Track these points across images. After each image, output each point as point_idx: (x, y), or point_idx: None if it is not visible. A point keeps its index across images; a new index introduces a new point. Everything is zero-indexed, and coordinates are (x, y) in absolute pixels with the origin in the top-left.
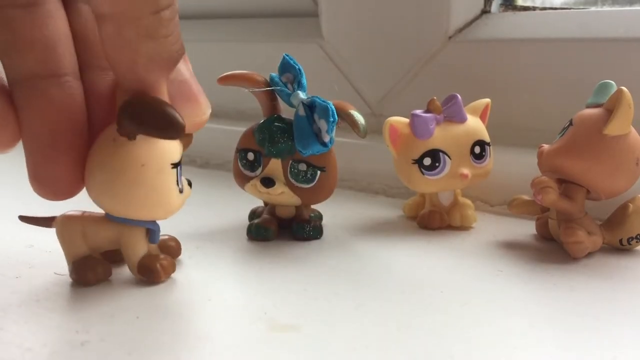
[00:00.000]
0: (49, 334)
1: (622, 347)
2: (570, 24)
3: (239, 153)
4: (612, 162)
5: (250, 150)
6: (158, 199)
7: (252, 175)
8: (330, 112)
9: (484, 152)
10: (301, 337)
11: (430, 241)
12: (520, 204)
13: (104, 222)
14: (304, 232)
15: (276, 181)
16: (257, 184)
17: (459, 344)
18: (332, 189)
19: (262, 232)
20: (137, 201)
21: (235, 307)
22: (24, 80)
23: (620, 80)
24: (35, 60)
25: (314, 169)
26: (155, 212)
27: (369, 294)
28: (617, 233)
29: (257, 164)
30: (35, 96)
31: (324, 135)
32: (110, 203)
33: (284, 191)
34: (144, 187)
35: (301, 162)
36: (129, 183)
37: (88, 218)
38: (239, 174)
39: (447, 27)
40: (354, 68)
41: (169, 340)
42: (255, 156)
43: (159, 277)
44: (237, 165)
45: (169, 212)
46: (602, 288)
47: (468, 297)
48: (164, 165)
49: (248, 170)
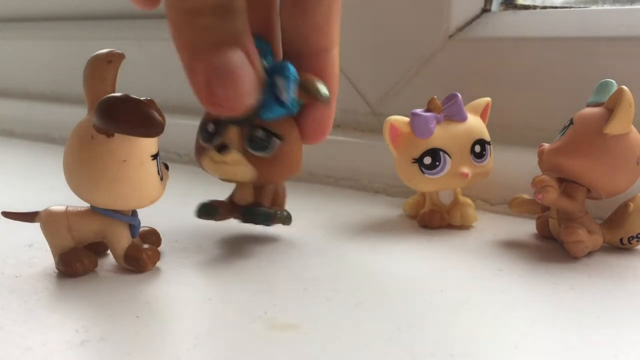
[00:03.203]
0: (48, 333)
1: (623, 346)
2: (571, 22)
3: (200, 127)
4: (612, 161)
5: (210, 121)
6: (142, 191)
7: (208, 146)
8: (287, 68)
9: (485, 151)
10: (301, 336)
11: (431, 240)
12: (520, 203)
13: (88, 215)
14: (250, 215)
15: (230, 146)
16: (212, 152)
17: (459, 343)
18: (293, 168)
19: (208, 210)
20: (123, 195)
21: (235, 306)
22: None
23: (621, 79)
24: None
25: (271, 136)
26: (140, 203)
27: (368, 293)
28: (618, 232)
29: (216, 134)
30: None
31: (281, 93)
32: (95, 198)
33: (239, 159)
34: (128, 182)
35: (259, 129)
36: (112, 179)
37: (72, 212)
38: (198, 150)
39: (448, 26)
40: (354, 67)
41: (168, 340)
42: (215, 127)
43: (145, 265)
44: (198, 141)
45: (153, 201)
46: (602, 287)
47: (468, 296)
48: (144, 159)
49: (206, 142)
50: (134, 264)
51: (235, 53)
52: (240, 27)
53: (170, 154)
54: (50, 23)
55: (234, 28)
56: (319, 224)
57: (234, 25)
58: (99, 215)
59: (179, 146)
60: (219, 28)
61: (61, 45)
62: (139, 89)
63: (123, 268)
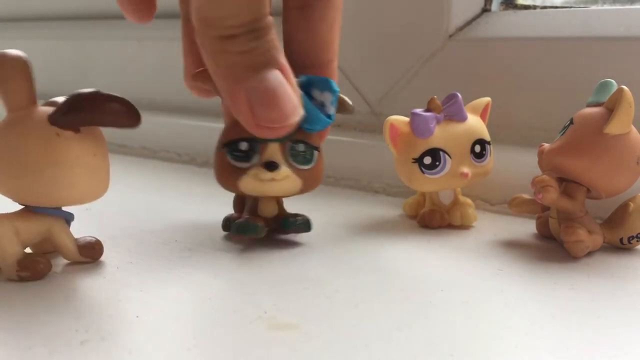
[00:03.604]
0: (48, 333)
1: (623, 346)
2: (571, 22)
3: (227, 147)
4: (612, 161)
5: (243, 139)
6: (107, 182)
7: (248, 165)
8: (331, 83)
9: (485, 151)
10: (301, 336)
11: (431, 240)
12: (520, 203)
13: (30, 216)
14: (294, 224)
15: (280, 164)
16: (259, 171)
17: (459, 343)
18: (322, 175)
19: (252, 229)
20: (94, 188)
21: (235, 306)
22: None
23: (621, 79)
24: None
25: (312, 149)
26: (102, 194)
27: (369, 293)
28: (618, 232)
29: (253, 152)
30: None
31: (328, 108)
32: (60, 196)
33: (288, 175)
34: (100, 174)
35: (300, 143)
36: (88, 174)
37: (14, 216)
38: (227, 170)
39: (448, 25)
40: (354, 67)
41: (168, 340)
42: (250, 144)
43: (101, 248)
44: (226, 161)
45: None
46: (602, 287)
47: (468, 295)
48: (106, 150)
49: (242, 162)
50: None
51: (273, 73)
52: (273, 45)
53: (170, 154)
54: (50, 23)
55: (268, 47)
56: (319, 224)
57: (267, 45)
58: (41, 215)
59: (179, 146)
60: (254, 50)
61: (61, 45)
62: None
63: (121, 267)
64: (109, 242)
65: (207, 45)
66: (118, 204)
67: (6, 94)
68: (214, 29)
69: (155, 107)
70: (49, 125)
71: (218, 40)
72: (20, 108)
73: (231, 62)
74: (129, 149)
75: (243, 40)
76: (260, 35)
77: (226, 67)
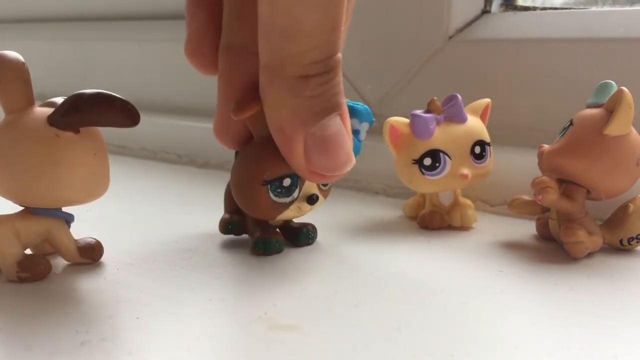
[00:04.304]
0: (48, 334)
1: (623, 346)
2: (571, 24)
3: (269, 184)
4: (612, 162)
5: (287, 175)
6: (107, 181)
7: (289, 200)
8: (371, 114)
9: (484, 152)
10: (301, 337)
11: (431, 241)
12: (520, 204)
13: (31, 217)
14: (309, 238)
15: (319, 195)
16: (302, 205)
17: (459, 344)
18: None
19: (275, 246)
20: (94, 189)
21: (235, 306)
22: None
23: (621, 81)
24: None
25: None
26: (102, 193)
27: (369, 294)
28: (618, 233)
29: (294, 187)
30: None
31: (362, 135)
32: (60, 196)
33: (321, 200)
34: (100, 174)
35: None
36: (85, 174)
37: (14, 217)
38: (270, 206)
39: (447, 27)
40: (354, 68)
41: (169, 341)
42: (292, 180)
43: (101, 249)
44: (267, 198)
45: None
46: (602, 288)
47: (468, 296)
48: (106, 151)
49: (284, 197)
50: (91, 255)
51: (335, 120)
52: (340, 88)
53: (170, 155)
54: (50, 24)
55: (336, 91)
56: (319, 225)
57: (336, 89)
58: (41, 216)
59: (179, 147)
60: (324, 95)
61: (61, 46)
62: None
63: (121, 269)
64: (109, 243)
65: (276, 87)
66: (118, 205)
67: (3, 95)
68: (291, 68)
69: (155, 108)
70: (48, 127)
71: (293, 81)
72: (18, 109)
73: (299, 107)
74: (128, 150)
75: (317, 82)
76: (332, 76)
77: (293, 112)
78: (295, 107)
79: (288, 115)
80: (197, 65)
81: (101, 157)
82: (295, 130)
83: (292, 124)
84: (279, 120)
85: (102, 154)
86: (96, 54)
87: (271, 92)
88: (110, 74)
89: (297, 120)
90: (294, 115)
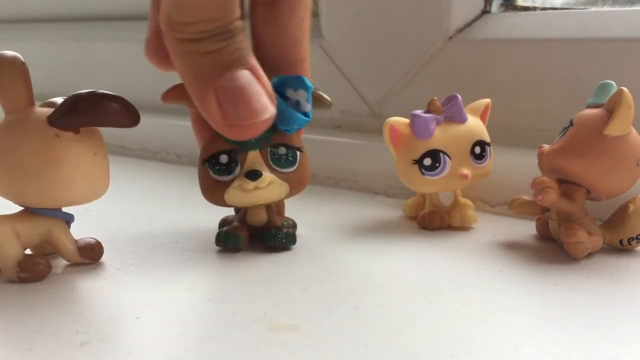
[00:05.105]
0: (48, 334)
1: (623, 347)
2: (571, 24)
3: (207, 162)
4: (612, 162)
5: (222, 152)
6: (107, 181)
7: (230, 177)
8: (304, 80)
9: (484, 152)
10: (301, 337)
11: (431, 241)
12: (520, 204)
13: (31, 217)
14: (276, 239)
15: (262, 171)
16: (242, 182)
17: (459, 344)
18: (309, 173)
19: (231, 240)
20: (94, 189)
21: (235, 307)
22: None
23: (621, 81)
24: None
25: (294, 150)
26: (102, 193)
27: (368, 294)
28: (618, 233)
29: (235, 164)
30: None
31: (304, 105)
32: (60, 197)
33: (272, 180)
34: (100, 174)
35: (280, 146)
36: (85, 174)
37: (14, 217)
38: (212, 185)
39: (447, 27)
40: (354, 68)
41: (169, 341)
42: (230, 156)
43: (101, 249)
44: (208, 176)
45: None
46: (602, 288)
47: (468, 297)
48: (106, 151)
49: (225, 175)
50: (91, 255)
51: (242, 72)
52: (242, 45)
53: (170, 155)
54: (50, 24)
55: (237, 47)
56: (319, 225)
57: (236, 45)
58: (41, 216)
59: (179, 147)
60: (222, 50)
61: (61, 46)
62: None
63: (121, 269)
64: (109, 243)
65: (176, 48)
66: (118, 205)
67: (3, 95)
68: (180, 34)
69: (155, 108)
70: (48, 127)
71: (187, 43)
72: (18, 109)
73: (199, 62)
74: (128, 150)
75: (211, 42)
76: (229, 37)
77: (194, 67)
78: (195, 65)
79: (192, 73)
80: (155, 63)
81: (101, 158)
82: (203, 87)
83: (198, 81)
84: (188, 82)
85: (102, 154)
86: (96, 54)
87: (173, 56)
88: (110, 74)
89: (201, 74)
90: (198, 70)
